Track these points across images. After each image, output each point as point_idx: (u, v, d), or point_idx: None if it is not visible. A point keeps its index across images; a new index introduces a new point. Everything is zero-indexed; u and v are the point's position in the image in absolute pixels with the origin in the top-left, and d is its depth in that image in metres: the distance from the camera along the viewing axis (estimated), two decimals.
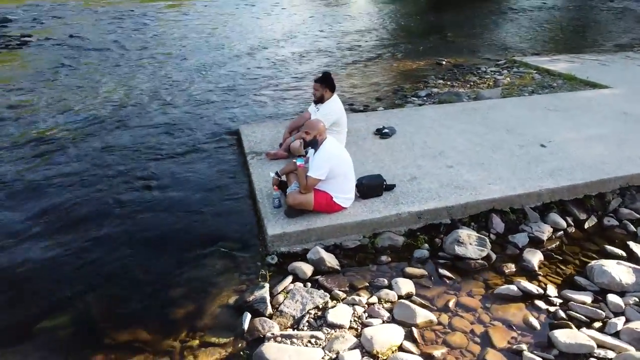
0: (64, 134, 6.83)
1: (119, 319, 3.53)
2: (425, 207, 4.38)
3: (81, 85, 9.12)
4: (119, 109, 7.82)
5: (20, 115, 7.54)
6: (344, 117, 5.35)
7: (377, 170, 5.03)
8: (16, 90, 8.80)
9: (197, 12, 17.81)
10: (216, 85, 9.14)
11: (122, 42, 12.85)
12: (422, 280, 3.88)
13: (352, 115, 6.82)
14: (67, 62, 10.76)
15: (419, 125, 6.27)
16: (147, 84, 9.22)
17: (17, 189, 5.33)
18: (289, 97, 8.44)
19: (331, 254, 4.09)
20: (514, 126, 6.17)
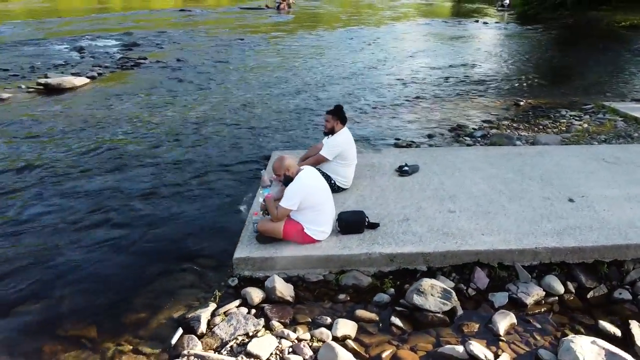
0: (125, 144, 7.65)
1: (75, 313, 3.88)
2: (399, 250, 4.19)
3: (167, 103, 10.12)
4: (190, 126, 8.53)
5: (104, 124, 8.60)
6: (352, 151, 5.32)
7: (375, 207, 4.93)
8: (112, 103, 10.05)
9: (306, 42, 18.74)
10: (288, 109, 9.55)
11: (219, 66, 13.99)
12: (369, 325, 3.71)
13: (386, 150, 6.74)
14: (165, 82, 12.00)
15: (447, 166, 5.99)
16: (228, 104, 9.95)
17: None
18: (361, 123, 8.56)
19: (291, 284, 4.09)
20: (552, 176, 5.62)
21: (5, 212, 5.56)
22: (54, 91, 11.00)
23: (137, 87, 11.60)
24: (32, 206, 5.71)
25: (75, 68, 13.73)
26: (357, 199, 5.16)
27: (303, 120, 8.96)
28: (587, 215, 4.68)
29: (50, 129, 8.48)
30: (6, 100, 10.29)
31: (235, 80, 12.29)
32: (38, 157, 7.18)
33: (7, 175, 6.58)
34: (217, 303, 3.93)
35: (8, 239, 5.00)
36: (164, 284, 4.24)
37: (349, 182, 5.38)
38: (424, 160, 6.17)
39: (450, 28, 23.25)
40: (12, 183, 6.33)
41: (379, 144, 7.63)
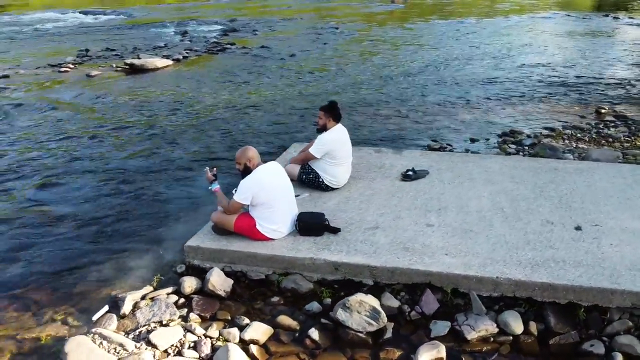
0: (165, 124, 8.10)
1: (32, 277, 4.23)
2: (346, 259, 3.94)
3: (228, 88, 10.51)
4: (237, 112, 8.80)
5: (161, 103, 9.20)
6: (343, 150, 5.08)
7: (353, 211, 4.69)
8: (180, 85, 10.68)
9: (404, 33, 18.23)
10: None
11: (301, 55, 14.12)
12: (286, 333, 3.55)
13: (407, 151, 6.32)
14: (237, 68, 12.44)
15: (460, 175, 5.47)
16: (288, 92, 10.09)
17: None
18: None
19: (232, 280, 4.05)
20: (575, 198, 4.88)
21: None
22: (137, 71, 11.97)
23: (211, 71, 12.17)
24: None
25: (169, 50, 14.78)
26: (340, 201, 4.94)
27: (360, 114, 8.73)
28: (585, 248, 3.99)
29: (112, 103, 9.30)
30: (94, 77, 11.42)
31: (310, 70, 12.33)
32: (80, 128, 7.90)
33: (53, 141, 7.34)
34: (154, 287, 4.03)
35: None
36: (121, 262, 4.44)
37: (340, 182, 5.15)
38: (440, 166, 5.70)
39: (571, 22, 21.01)
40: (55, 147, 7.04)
41: (409, 144, 7.21)
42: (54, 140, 7.55)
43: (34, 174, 6.37)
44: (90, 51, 14.36)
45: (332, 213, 4.64)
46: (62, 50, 14.62)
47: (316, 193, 5.11)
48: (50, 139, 7.61)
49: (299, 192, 5.05)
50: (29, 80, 11.07)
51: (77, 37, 17.46)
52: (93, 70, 11.74)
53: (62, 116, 8.69)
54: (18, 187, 6.05)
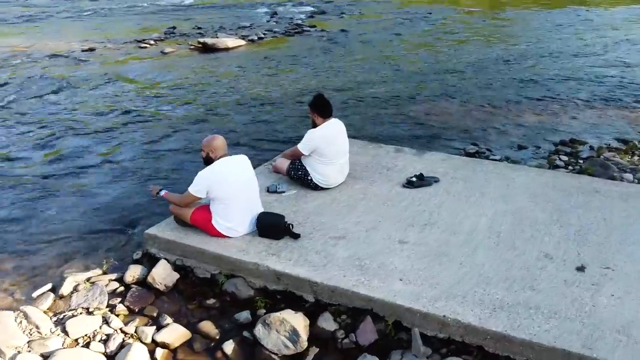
0: (211, 104, 8.18)
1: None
2: (289, 270, 3.60)
3: (290, 72, 10.37)
4: (289, 98, 8.63)
5: (218, 83, 9.33)
6: (332, 148, 4.67)
7: (329, 215, 4.33)
8: (244, 66, 10.76)
9: (505, 22, 16.85)
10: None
11: (380, 40, 13.53)
12: (203, 341, 3.34)
13: (428, 154, 5.68)
14: (308, 52, 12.22)
15: (472, 188, 4.81)
16: (354, 81, 9.72)
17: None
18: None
19: (178, 274, 3.92)
20: (598, 231, 4.04)
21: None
22: (209, 50, 12.25)
23: (278, 54, 12.10)
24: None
25: (250, 30, 14.98)
26: (324, 202, 4.57)
27: (406, 108, 8.16)
28: (573, 296, 3.26)
29: (171, 80, 9.62)
30: (167, 54, 11.90)
31: (376, 57, 11.78)
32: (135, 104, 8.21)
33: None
34: (103, 271, 4.01)
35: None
36: (92, 240, 4.49)
37: (330, 182, 4.77)
38: (456, 175, 5.07)
39: None
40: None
41: (444, 145, 6.53)
42: (99, 114, 7.95)
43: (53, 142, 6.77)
44: (177, 29, 14.98)
45: (307, 215, 4.31)
46: (154, 27, 15.43)
47: (304, 191, 4.78)
48: (98, 112, 8.03)
49: (286, 188, 4.76)
50: (109, 54, 11.82)
51: (174, 14, 18.37)
52: (168, 48, 12.23)
53: (119, 90, 9.15)
54: (32, 156, 6.45)
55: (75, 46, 12.45)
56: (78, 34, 14.11)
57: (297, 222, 4.19)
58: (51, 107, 8.27)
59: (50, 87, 9.27)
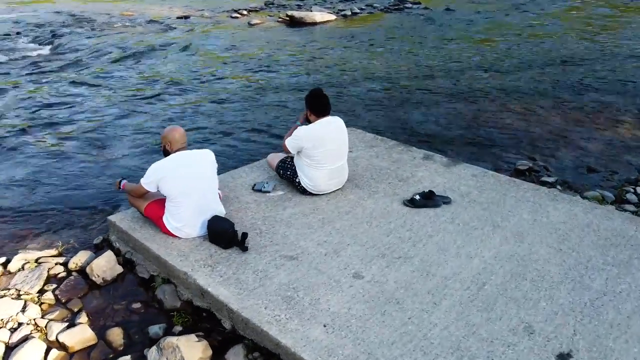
0: (269, 83, 7.92)
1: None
2: (211, 288, 3.21)
3: (375, 52, 9.73)
4: (364, 80, 8.13)
5: (289, 60, 9.05)
6: (321, 150, 4.09)
7: (294, 228, 3.85)
8: (325, 44, 10.31)
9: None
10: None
11: (479, 22, 12.20)
12: (104, 350, 3.10)
13: (459, 166, 4.83)
14: (401, 31, 11.37)
15: (487, 218, 3.97)
16: (439, 67, 8.92)
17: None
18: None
19: (122, 269, 3.73)
20: (623, 304, 3.06)
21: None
22: (295, 24, 11.95)
23: (367, 32, 11.40)
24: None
25: (350, 4, 14.36)
26: (302, 211, 4.07)
27: (476, 104, 7.17)
28: None
29: (244, 52, 9.49)
30: (253, 25, 11.83)
31: (471, 41, 10.57)
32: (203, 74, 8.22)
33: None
34: (58, 252, 3.95)
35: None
36: (62, 217, 4.50)
37: (319, 188, 4.23)
38: (478, 198, 4.24)
39: None
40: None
41: (492, 157, 5.55)
42: (152, 82, 8.08)
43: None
44: (277, 0, 14.87)
45: (273, 224, 3.86)
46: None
47: (291, 194, 4.32)
48: (153, 81, 8.17)
49: (273, 188, 4.33)
50: (198, 23, 12.07)
51: None
52: (256, 19, 12.15)
53: (187, 59, 9.26)
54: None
55: (174, 13, 12.93)
56: (182, 1, 14.65)
57: (259, 231, 3.76)
58: (119, 73, 8.61)
59: (130, 52, 9.68)
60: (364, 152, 5.15)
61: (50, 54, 9.96)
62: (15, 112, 7.06)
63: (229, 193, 4.30)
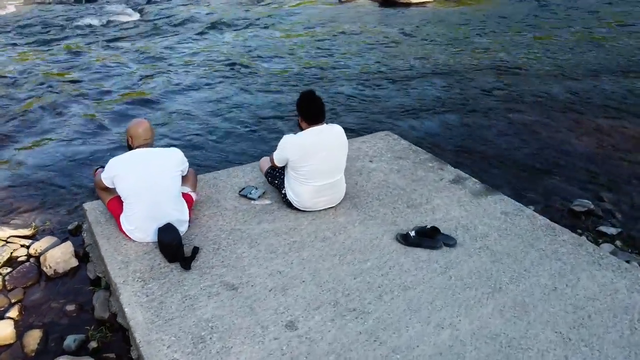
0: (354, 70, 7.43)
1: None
2: (128, 309, 2.87)
3: (465, 43, 8.78)
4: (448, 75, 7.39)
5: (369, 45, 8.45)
6: (307, 165, 3.53)
7: (256, 249, 3.39)
8: (415, 28, 9.45)
9: None
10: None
11: (610, 11, 10.35)
12: (13, 356, 2.96)
13: (495, 198, 3.99)
14: (510, 17, 10.05)
15: (495, 279, 3.17)
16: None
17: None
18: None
19: (77, 261, 3.59)
20: None
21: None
22: (390, 4, 11.10)
23: (469, 16, 10.24)
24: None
25: None
26: (274, 229, 3.59)
27: (547, 117, 6.04)
28: None
29: (329, 30, 9.05)
30: (344, 2, 11.23)
31: (590, 38, 8.96)
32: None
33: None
34: (32, 232, 3.90)
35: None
36: (54, 196, 4.44)
37: (305, 205, 3.70)
38: (494, 246, 3.43)
39: None
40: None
41: (541, 187, 4.52)
42: (217, 59, 7.92)
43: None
44: None
45: (236, 242, 3.45)
46: None
47: (277, 205, 3.85)
48: (218, 57, 8.02)
49: (259, 195, 3.90)
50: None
51: None
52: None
53: (264, 34, 8.99)
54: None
55: None
56: None
57: (217, 246, 3.36)
58: (198, 44, 8.63)
59: (215, 23, 9.69)
60: (386, 164, 4.46)
61: (137, 20, 10.31)
62: (87, 77, 7.35)
63: (215, 194, 3.94)
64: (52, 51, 8.46)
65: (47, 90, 6.85)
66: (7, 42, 8.91)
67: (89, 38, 9.18)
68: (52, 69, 7.69)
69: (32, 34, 9.35)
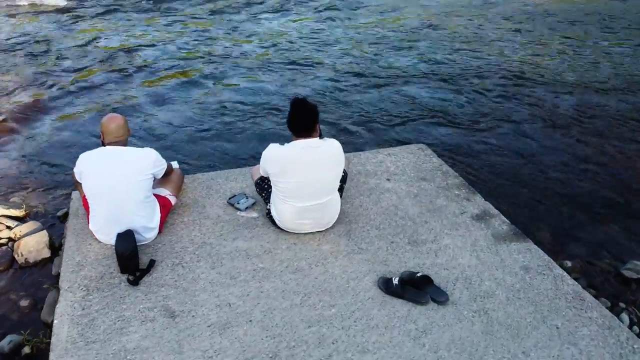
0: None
1: None
2: (57, 322, 2.68)
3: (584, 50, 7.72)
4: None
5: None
6: (287, 181, 3.10)
7: (211, 278, 3.04)
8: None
9: None
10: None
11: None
12: None
13: (521, 250, 3.30)
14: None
15: (478, 355, 2.59)
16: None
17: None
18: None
19: (50, 252, 3.49)
20: None
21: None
22: None
23: (581, 14, 8.95)
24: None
25: None
26: (247, 251, 3.23)
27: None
28: None
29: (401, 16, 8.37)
30: None
31: None
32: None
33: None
34: (23, 214, 3.88)
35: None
36: (53, 176, 4.38)
37: (288, 226, 3.28)
38: (494, 312, 2.81)
39: None
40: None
41: (597, 248, 3.68)
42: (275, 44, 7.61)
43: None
44: None
45: (199, 259, 3.13)
46: None
47: (263, 220, 3.48)
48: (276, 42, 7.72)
49: (246, 206, 3.56)
50: None
51: None
52: None
53: (327, 20, 8.52)
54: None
55: None
56: None
57: (178, 261, 3.08)
58: (260, 26, 8.39)
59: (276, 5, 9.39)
60: (405, 185, 3.89)
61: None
62: (140, 52, 7.40)
63: (204, 198, 3.66)
64: (117, 23, 8.63)
65: (97, 63, 6.97)
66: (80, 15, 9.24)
67: (148, 13, 9.29)
68: (111, 42, 7.84)
69: (101, 6, 9.66)
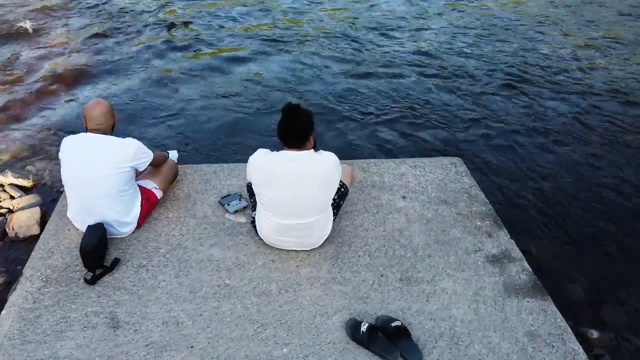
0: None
1: None
2: (4, 314, 2.62)
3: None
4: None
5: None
6: (267, 193, 2.78)
7: (171, 288, 2.84)
8: None
9: None
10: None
11: None
12: None
13: (535, 301, 2.76)
14: None
15: None
16: None
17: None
18: None
19: (39, 229, 3.46)
20: None
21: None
22: None
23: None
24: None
25: None
26: (219, 263, 2.98)
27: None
28: None
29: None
30: None
31: None
32: None
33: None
34: (29, 184, 3.89)
35: None
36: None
37: (268, 241, 2.99)
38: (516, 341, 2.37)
39: None
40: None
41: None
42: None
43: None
44: None
45: (166, 264, 2.93)
46: None
47: (248, 227, 3.21)
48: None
49: (236, 209, 3.30)
50: None
51: None
52: None
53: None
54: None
55: None
56: None
57: (142, 264, 2.90)
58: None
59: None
60: (421, 206, 3.42)
61: None
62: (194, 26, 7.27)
63: (197, 194, 3.45)
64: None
65: (144, 33, 6.96)
66: None
67: None
68: (157, 12, 7.79)
69: None
